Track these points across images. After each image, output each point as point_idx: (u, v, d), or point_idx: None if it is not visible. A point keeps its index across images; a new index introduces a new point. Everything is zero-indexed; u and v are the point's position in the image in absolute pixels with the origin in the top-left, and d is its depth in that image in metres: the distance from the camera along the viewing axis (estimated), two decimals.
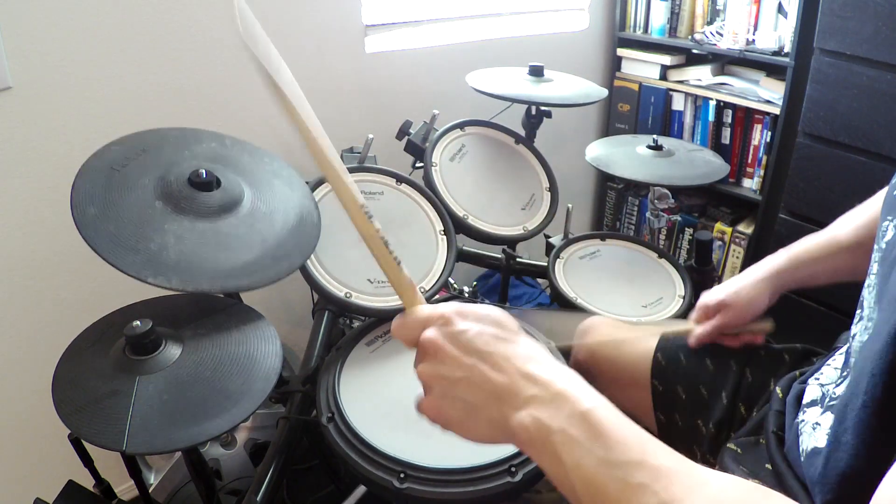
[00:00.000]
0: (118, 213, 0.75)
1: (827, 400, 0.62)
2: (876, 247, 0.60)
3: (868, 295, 0.59)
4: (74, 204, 0.74)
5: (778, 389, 0.73)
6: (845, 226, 0.81)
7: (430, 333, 0.45)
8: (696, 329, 0.87)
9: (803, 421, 0.63)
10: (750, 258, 2.03)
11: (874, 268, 0.59)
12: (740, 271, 0.89)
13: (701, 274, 1.26)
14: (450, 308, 0.46)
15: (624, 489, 0.37)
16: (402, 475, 0.73)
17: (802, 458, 0.59)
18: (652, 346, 0.89)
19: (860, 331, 0.59)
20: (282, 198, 0.87)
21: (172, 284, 0.70)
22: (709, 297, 0.87)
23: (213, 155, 0.88)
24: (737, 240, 2.04)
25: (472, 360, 0.43)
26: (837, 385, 0.61)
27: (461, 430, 0.45)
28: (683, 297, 1.16)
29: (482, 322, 0.45)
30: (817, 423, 0.60)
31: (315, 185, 1.01)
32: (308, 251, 0.83)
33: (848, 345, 0.62)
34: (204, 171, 0.81)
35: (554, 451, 0.40)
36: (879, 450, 0.47)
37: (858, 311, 0.61)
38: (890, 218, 0.58)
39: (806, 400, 0.66)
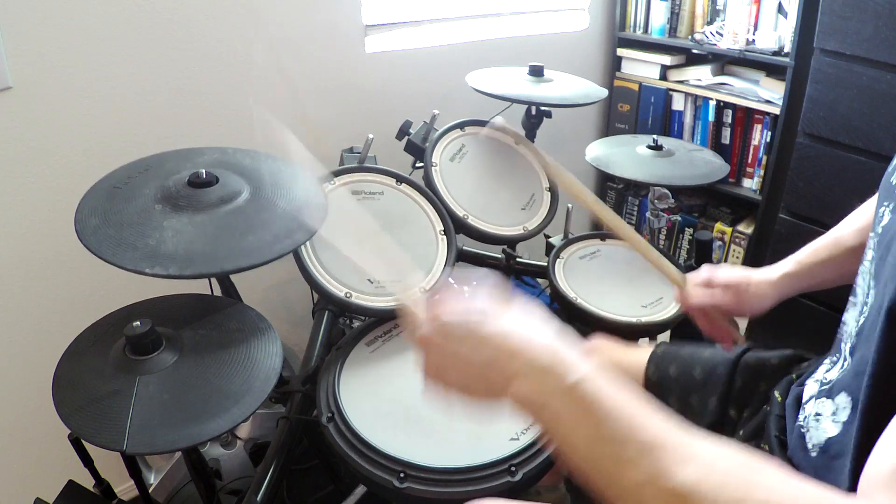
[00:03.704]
0: (119, 219, 0.76)
1: (819, 387, 0.63)
2: (872, 233, 0.60)
3: (862, 282, 0.60)
4: (78, 220, 0.75)
5: (776, 394, 0.73)
6: (848, 227, 0.81)
7: (422, 331, 0.50)
8: (689, 297, 0.87)
9: (805, 418, 0.64)
10: (750, 258, 2.03)
11: (868, 254, 0.60)
12: None
13: None
14: (435, 307, 0.50)
15: (616, 465, 0.39)
16: (401, 475, 0.73)
17: (814, 453, 0.60)
18: (644, 361, 0.90)
19: (853, 316, 0.60)
20: (284, 187, 0.87)
21: (170, 272, 0.69)
22: (720, 272, 0.86)
23: (214, 162, 0.89)
24: (737, 240, 2.04)
25: (455, 346, 0.48)
26: (828, 370, 0.62)
27: (462, 395, 0.49)
28: None
29: (463, 313, 0.49)
30: (818, 413, 0.60)
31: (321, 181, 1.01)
32: (314, 228, 0.83)
33: (839, 330, 0.63)
34: (203, 172, 0.81)
35: (546, 425, 0.42)
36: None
37: (851, 298, 0.62)
38: (886, 203, 0.59)
39: (805, 398, 0.66)
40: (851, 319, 0.61)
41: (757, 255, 2.02)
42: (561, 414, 0.41)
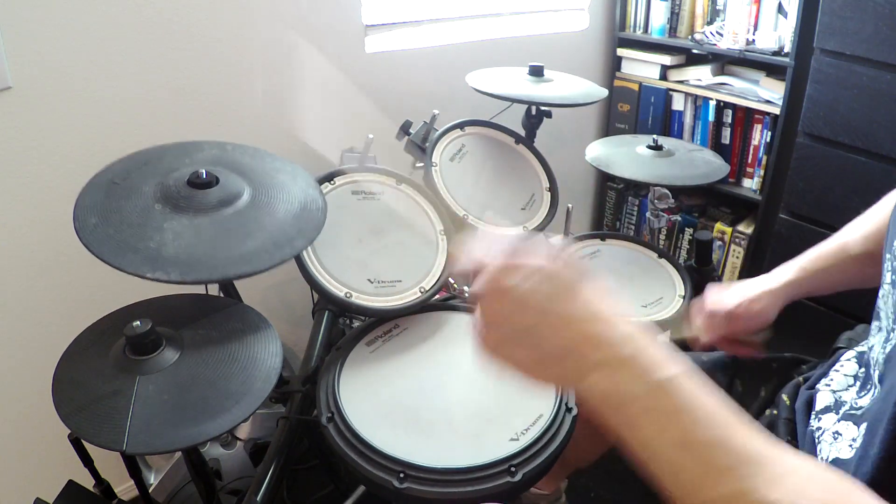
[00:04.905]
0: (119, 218, 0.75)
1: (846, 408, 0.61)
2: (888, 255, 0.59)
3: (884, 305, 0.58)
4: (77, 216, 0.74)
5: (784, 397, 0.72)
6: (854, 233, 0.79)
7: (485, 280, 0.42)
8: (701, 337, 0.87)
9: (819, 429, 0.62)
10: (750, 258, 2.03)
11: (888, 277, 0.58)
12: (740, 271, 0.89)
13: (701, 274, 1.26)
14: (497, 261, 0.42)
15: (706, 472, 0.35)
16: (401, 475, 0.72)
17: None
18: None
19: (879, 342, 0.58)
20: (284, 189, 0.87)
21: (171, 277, 0.69)
22: (718, 305, 0.85)
23: (214, 159, 0.89)
24: (737, 240, 2.04)
25: (527, 320, 0.40)
26: (861, 396, 0.60)
27: (525, 375, 0.42)
28: (684, 297, 1.16)
29: (534, 278, 0.41)
30: (838, 433, 0.59)
31: (321, 181, 1.01)
32: (313, 235, 0.83)
33: (865, 355, 0.62)
34: (203, 172, 0.81)
35: (629, 422, 0.37)
36: None
37: (875, 323, 0.60)
38: None
39: (818, 406, 0.65)
40: (878, 345, 0.59)
41: (757, 255, 2.02)
42: (646, 413, 0.37)
